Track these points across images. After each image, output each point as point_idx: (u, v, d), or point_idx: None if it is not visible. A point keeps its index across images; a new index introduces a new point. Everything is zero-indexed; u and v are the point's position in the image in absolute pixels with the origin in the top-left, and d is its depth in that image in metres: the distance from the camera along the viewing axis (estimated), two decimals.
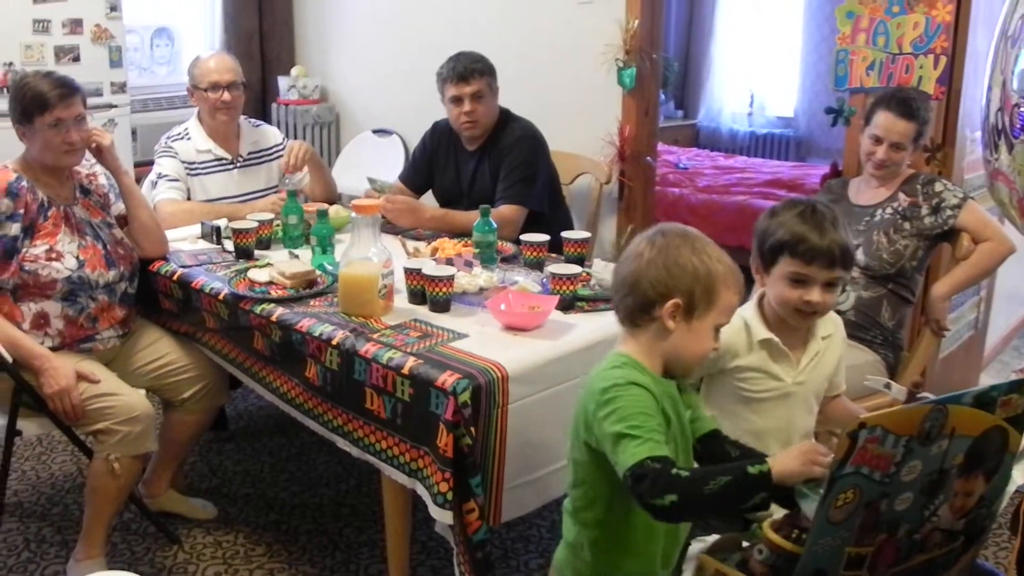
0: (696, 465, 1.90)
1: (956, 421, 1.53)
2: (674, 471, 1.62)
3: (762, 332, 2.18)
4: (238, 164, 3.70)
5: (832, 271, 2.08)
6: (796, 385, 2.21)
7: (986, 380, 4.51)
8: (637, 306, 1.82)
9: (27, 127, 2.80)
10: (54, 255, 2.82)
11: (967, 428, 1.56)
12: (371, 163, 4.87)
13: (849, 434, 1.41)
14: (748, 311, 2.21)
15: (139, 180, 3.47)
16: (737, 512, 1.85)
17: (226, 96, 3.57)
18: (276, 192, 3.71)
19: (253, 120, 3.87)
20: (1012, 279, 4.58)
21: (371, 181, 3.57)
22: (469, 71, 3.49)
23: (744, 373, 2.20)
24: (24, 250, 2.79)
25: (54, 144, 2.81)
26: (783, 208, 2.15)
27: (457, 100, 3.54)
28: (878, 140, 3.11)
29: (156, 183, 3.56)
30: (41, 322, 2.84)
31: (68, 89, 2.81)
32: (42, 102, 2.76)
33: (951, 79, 3.44)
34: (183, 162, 3.59)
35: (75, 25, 4.51)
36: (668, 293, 1.77)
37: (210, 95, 3.56)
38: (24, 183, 2.81)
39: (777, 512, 1.72)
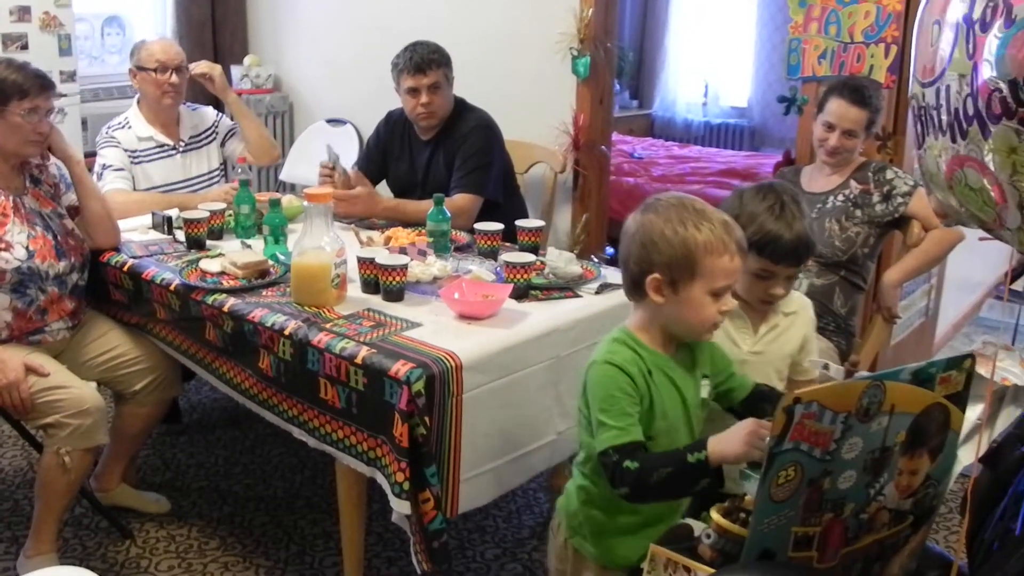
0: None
1: (894, 398, 1.54)
2: (626, 463, 1.73)
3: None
4: (180, 149, 3.67)
5: (796, 267, 2.16)
6: (753, 355, 2.22)
7: None
8: (630, 282, 1.88)
9: None
10: (3, 245, 2.77)
11: (907, 405, 1.58)
12: (325, 153, 4.83)
13: (784, 409, 1.41)
14: None
15: (89, 169, 3.43)
16: (690, 495, 1.89)
17: (174, 78, 3.55)
18: (220, 176, 3.69)
19: (190, 104, 3.85)
20: (962, 267, 4.64)
21: (328, 149, 3.55)
22: (427, 62, 3.47)
23: None
24: None
25: (24, 131, 2.79)
26: (752, 197, 2.16)
27: (414, 91, 3.51)
28: (830, 127, 3.14)
29: (101, 174, 3.52)
30: None
31: (47, 81, 2.84)
32: (22, 88, 2.75)
33: (901, 68, 3.48)
34: (126, 150, 3.56)
35: (23, 12, 4.43)
36: (649, 268, 1.81)
37: (158, 76, 3.54)
38: None
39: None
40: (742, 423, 1.75)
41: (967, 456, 2.24)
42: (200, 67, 3.76)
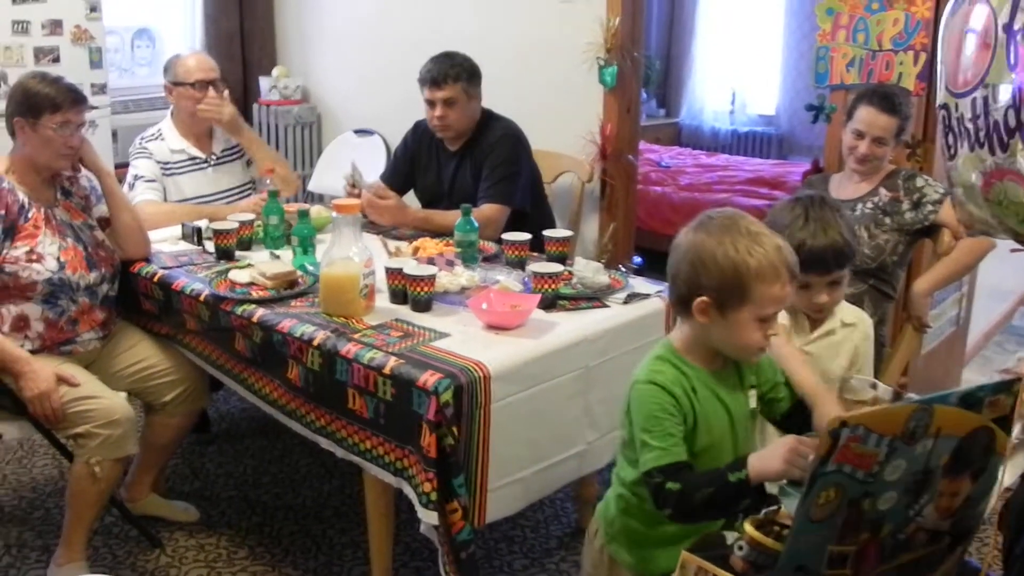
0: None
1: (942, 421, 1.51)
2: (668, 485, 1.73)
3: None
4: (211, 163, 3.70)
5: (829, 274, 2.16)
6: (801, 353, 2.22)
7: (968, 376, 4.53)
8: (677, 299, 1.86)
9: (29, 122, 2.79)
10: (35, 257, 2.80)
11: (953, 428, 1.55)
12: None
13: (830, 432, 1.40)
14: None
15: (120, 180, 3.46)
16: (735, 513, 1.88)
17: (211, 93, 3.58)
18: (251, 190, 3.71)
19: None
20: (993, 275, 4.60)
21: (352, 167, 3.57)
22: (442, 76, 3.47)
23: None
24: (4, 252, 2.77)
25: (56, 144, 2.82)
26: (783, 208, 2.20)
27: (431, 103, 3.53)
28: (860, 135, 3.12)
29: (133, 185, 3.55)
30: (21, 325, 2.82)
31: (79, 95, 2.88)
32: (55, 102, 2.79)
33: (931, 75, 3.45)
34: (158, 162, 3.58)
35: (55, 26, 4.47)
36: (697, 290, 1.78)
37: (195, 91, 3.57)
38: (5, 184, 2.80)
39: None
40: (782, 440, 1.74)
41: (1008, 476, 2.21)
42: (209, 110, 3.63)
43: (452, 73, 3.48)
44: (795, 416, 2.00)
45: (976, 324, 4.76)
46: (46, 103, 2.78)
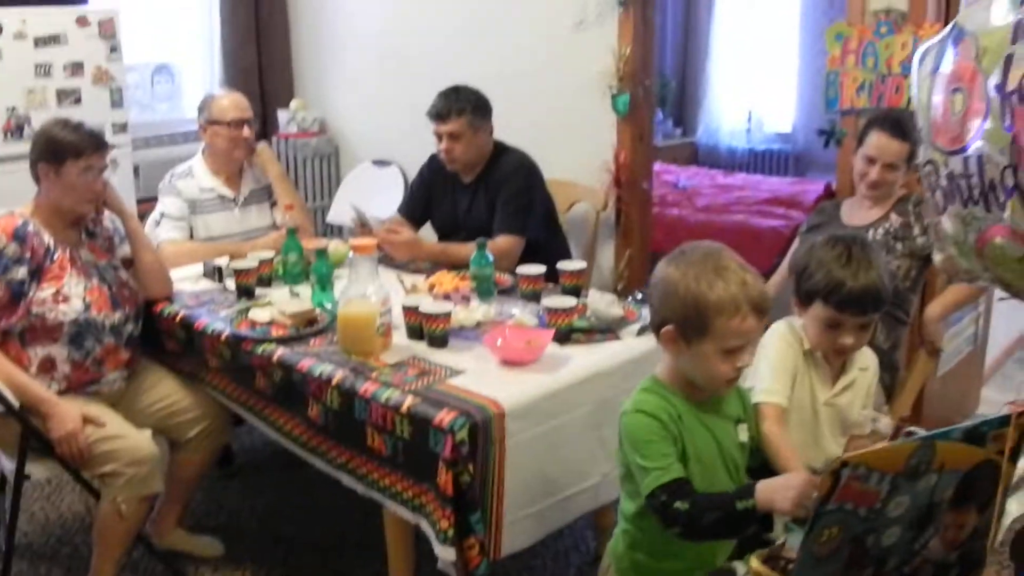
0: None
1: (945, 456, 1.53)
2: (676, 504, 1.76)
3: (807, 342, 2.25)
4: (239, 203, 3.75)
5: (864, 317, 2.17)
6: (826, 406, 2.27)
7: (988, 394, 4.52)
8: (653, 329, 1.92)
9: (53, 167, 2.86)
10: (61, 298, 2.86)
11: (956, 463, 1.56)
12: (371, 194, 4.92)
13: (832, 472, 1.42)
14: (798, 323, 2.28)
15: (143, 216, 3.53)
16: (741, 537, 1.91)
17: (246, 131, 3.66)
18: (276, 229, 3.77)
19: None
20: None
21: (355, 209, 3.63)
22: (447, 110, 3.54)
23: (795, 382, 2.25)
24: (31, 293, 2.83)
25: (79, 189, 2.89)
26: (822, 246, 2.20)
27: (438, 136, 3.60)
28: (871, 161, 3.13)
29: (159, 222, 3.62)
30: (48, 366, 2.88)
31: (100, 141, 2.95)
32: (78, 148, 2.86)
33: None
34: (187, 200, 3.65)
35: (76, 68, 4.57)
36: (665, 319, 1.85)
37: (231, 131, 3.64)
38: (31, 228, 2.87)
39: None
40: (794, 475, 1.77)
41: (1016, 506, 2.22)
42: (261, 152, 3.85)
43: (456, 107, 3.53)
44: (764, 473, 2.01)
45: (995, 341, 4.76)
46: (69, 149, 2.85)
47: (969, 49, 1.32)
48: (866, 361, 2.34)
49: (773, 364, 2.18)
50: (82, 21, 4.57)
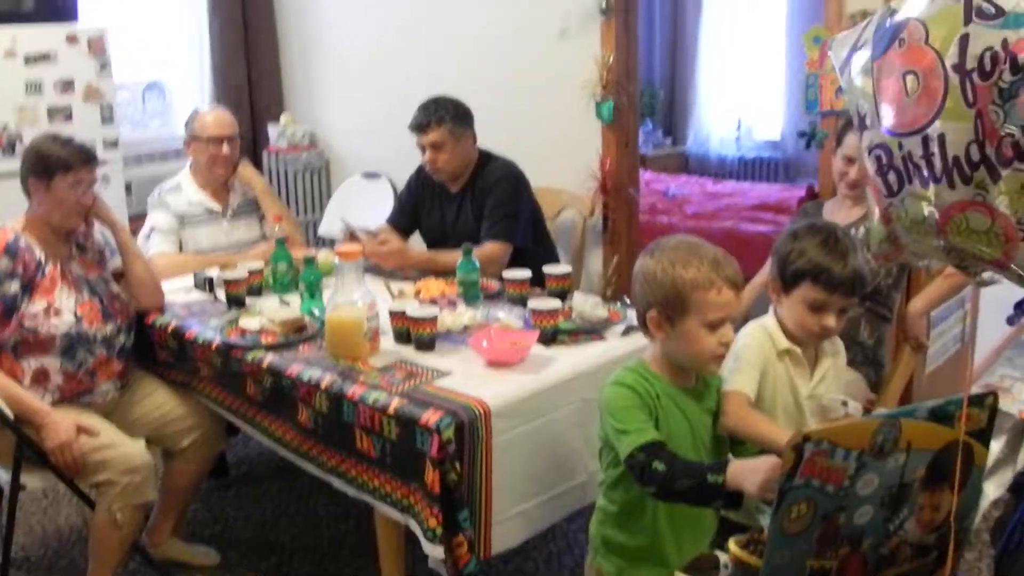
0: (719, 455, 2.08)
1: (911, 435, 1.57)
2: (654, 464, 1.84)
3: (783, 342, 2.28)
4: (227, 216, 3.79)
5: (850, 299, 2.22)
6: (808, 399, 2.30)
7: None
8: (639, 319, 2.02)
9: (43, 182, 2.90)
10: (52, 311, 2.89)
11: (925, 442, 1.60)
12: (361, 206, 4.96)
13: (794, 447, 1.46)
14: (769, 324, 2.31)
15: (135, 233, 3.57)
16: (707, 507, 2.01)
17: (225, 149, 3.69)
18: (265, 243, 3.81)
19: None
20: (1001, 289, 4.58)
21: (343, 222, 3.68)
22: (427, 121, 3.59)
23: (769, 380, 2.28)
24: (23, 308, 2.87)
25: (68, 203, 2.92)
26: (805, 233, 2.25)
27: (421, 148, 3.65)
28: (850, 160, 3.16)
29: (149, 235, 3.66)
30: (41, 378, 2.91)
31: (90, 155, 2.98)
32: (67, 162, 2.89)
33: None
34: (175, 213, 3.69)
35: (66, 85, 4.62)
36: (647, 306, 1.97)
37: (211, 148, 3.68)
38: (22, 243, 2.90)
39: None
40: (765, 459, 1.81)
41: (993, 489, 2.25)
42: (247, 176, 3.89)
43: (436, 117, 3.58)
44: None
45: (985, 339, 4.76)
46: (58, 164, 2.89)
47: (917, 32, 1.36)
48: (835, 347, 2.38)
49: (740, 358, 2.22)
50: (72, 39, 4.63)
